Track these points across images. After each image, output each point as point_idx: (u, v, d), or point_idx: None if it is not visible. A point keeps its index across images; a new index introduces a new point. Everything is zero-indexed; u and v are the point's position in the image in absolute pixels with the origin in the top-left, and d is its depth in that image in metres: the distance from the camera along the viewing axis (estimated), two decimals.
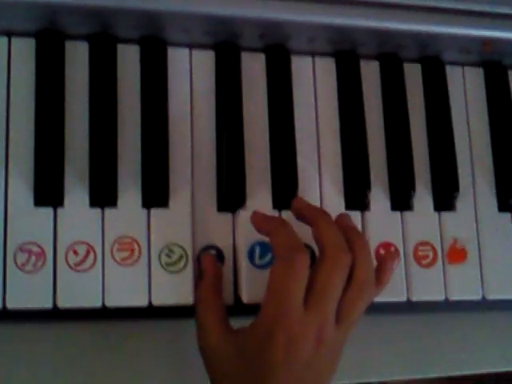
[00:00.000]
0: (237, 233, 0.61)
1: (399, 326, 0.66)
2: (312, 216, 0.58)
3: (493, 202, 0.67)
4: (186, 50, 0.64)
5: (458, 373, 0.68)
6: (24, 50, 0.60)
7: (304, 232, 0.57)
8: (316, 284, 0.54)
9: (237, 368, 0.54)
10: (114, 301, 0.57)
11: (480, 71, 0.71)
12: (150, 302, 0.58)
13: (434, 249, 0.65)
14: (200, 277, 0.59)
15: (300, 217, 0.59)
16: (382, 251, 0.63)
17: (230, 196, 0.61)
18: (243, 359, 0.54)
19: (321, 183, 0.64)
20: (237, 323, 0.57)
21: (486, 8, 0.66)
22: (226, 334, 0.56)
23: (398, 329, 0.66)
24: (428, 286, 0.64)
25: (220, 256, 0.60)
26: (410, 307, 0.64)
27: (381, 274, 0.58)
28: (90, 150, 0.59)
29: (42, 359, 0.59)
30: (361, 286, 0.56)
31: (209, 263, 0.59)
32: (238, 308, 0.59)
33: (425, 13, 0.65)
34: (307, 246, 0.59)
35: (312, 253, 0.60)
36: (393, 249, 0.64)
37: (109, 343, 0.60)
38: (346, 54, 0.67)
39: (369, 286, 0.56)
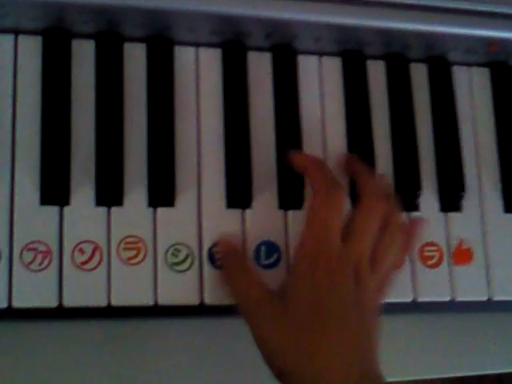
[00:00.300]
0: (243, 233, 0.61)
1: (404, 325, 0.66)
2: (357, 168, 0.62)
3: (499, 203, 0.67)
4: (193, 49, 0.64)
5: (462, 373, 0.68)
6: (31, 48, 0.60)
7: None
8: (354, 223, 0.57)
9: (285, 317, 0.54)
10: (120, 300, 0.57)
11: (486, 71, 0.70)
12: (155, 302, 0.58)
13: (440, 249, 0.65)
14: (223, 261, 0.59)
15: (347, 169, 0.63)
16: None
17: (239, 192, 0.61)
18: (290, 306, 0.54)
19: None
20: (240, 321, 0.56)
21: (492, 8, 0.66)
22: (267, 288, 0.56)
23: (403, 329, 0.66)
24: (434, 287, 0.64)
25: None
26: (415, 307, 0.64)
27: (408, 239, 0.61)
28: (96, 148, 0.59)
29: (47, 357, 0.58)
30: (392, 235, 0.58)
31: (226, 245, 0.59)
32: None
33: (431, 13, 0.65)
34: None
35: None
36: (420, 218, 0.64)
37: (114, 342, 0.60)
38: (352, 54, 0.67)
39: (399, 237, 0.59)
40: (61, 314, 0.57)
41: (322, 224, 0.56)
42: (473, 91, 0.70)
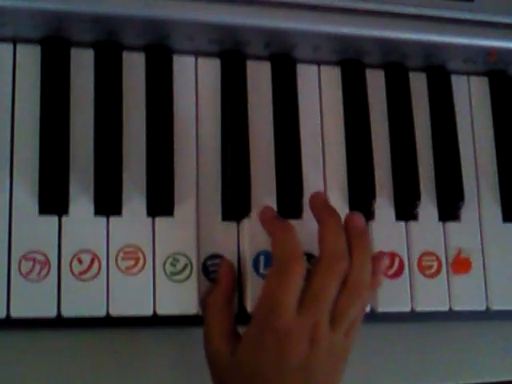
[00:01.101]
0: (242, 242, 0.61)
1: (402, 334, 0.66)
2: (320, 216, 0.59)
3: (497, 213, 0.67)
4: (192, 58, 0.64)
5: (461, 382, 0.68)
6: (29, 57, 0.60)
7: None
8: (310, 287, 0.55)
9: (232, 373, 0.55)
10: (119, 310, 0.57)
11: (485, 80, 0.70)
12: (154, 311, 0.58)
13: (438, 259, 0.64)
14: (215, 282, 0.59)
15: (312, 212, 0.60)
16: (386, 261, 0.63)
17: (235, 205, 0.61)
18: (237, 363, 0.55)
19: (326, 192, 0.64)
20: (241, 331, 0.57)
21: (492, 18, 0.66)
22: (228, 341, 0.56)
23: (401, 338, 0.66)
24: (432, 297, 0.64)
25: None
26: (413, 317, 0.64)
27: (372, 277, 0.58)
28: (95, 158, 0.59)
29: (45, 367, 0.58)
30: (353, 291, 0.56)
31: (225, 272, 0.59)
32: (243, 316, 0.59)
33: (430, 22, 0.65)
34: (310, 255, 0.60)
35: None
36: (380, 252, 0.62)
37: (113, 351, 0.60)
38: (351, 63, 0.67)
39: (362, 290, 0.57)
40: (59, 323, 0.57)
41: (274, 299, 0.55)
42: (472, 100, 0.70)
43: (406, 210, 0.65)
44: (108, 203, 0.59)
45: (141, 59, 0.62)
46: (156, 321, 0.58)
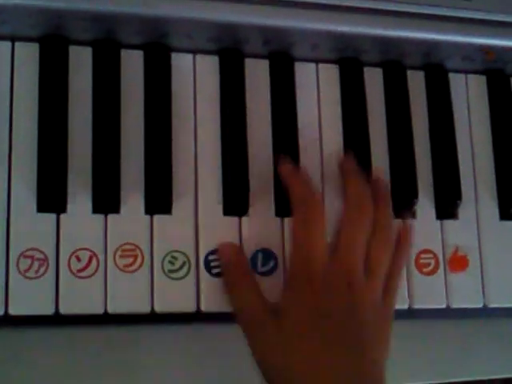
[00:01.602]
0: (239, 240, 0.61)
1: (399, 332, 0.66)
2: (347, 171, 0.62)
3: (494, 211, 0.67)
4: (190, 56, 0.64)
5: (457, 379, 0.68)
6: (28, 55, 0.60)
7: None
8: (339, 237, 0.57)
9: (278, 330, 0.55)
10: (117, 307, 0.57)
11: (483, 79, 0.71)
12: (152, 309, 0.58)
13: (435, 257, 0.65)
14: (225, 267, 0.59)
15: (340, 170, 0.63)
16: None
17: (236, 199, 0.61)
18: (284, 325, 0.55)
19: (323, 189, 0.64)
20: (236, 328, 0.57)
21: (490, 17, 0.66)
22: (268, 310, 0.56)
23: (398, 335, 0.66)
24: (429, 294, 0.64)
25: None
26: (410, 314, 0.64)
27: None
28: (93, 156, 0.59)
29: (43, 365, 0.58)
30: (382, 238, 0.59)
31: (230, 255, 0.59)
32: None
33: (428, 21, 0.65)
34: None
35: None
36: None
37: (111, 349, 0.59)
38: (349, 61, 0.67)
39: (390, 236, 0.59)
40: (57, 321, 0.57)
41: (303, 245, 0.56)
42: (469, 99, 0.70)
43: (403, 208, 0.65)
44: (106, 201, 0.59)
45: (139, 57, 0.62)
46: (154, 318, 0.58)
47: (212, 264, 0.60)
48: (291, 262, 0.58)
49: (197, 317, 0.59)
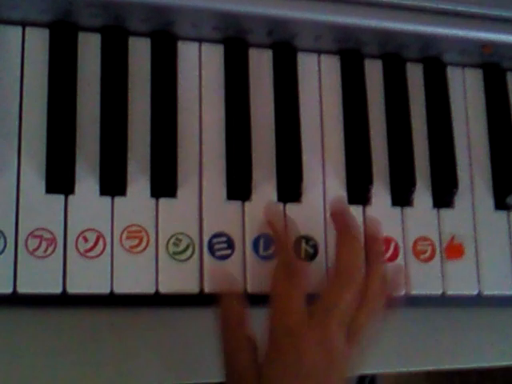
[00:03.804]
0: (242, 224, 0.62)
1: (395, 318, 0.67)
2: (341, 227, 0.60)
3: (490, 201, 0.69)
4: (196, 44, 0.65)
5: (452, 366, 0.69)
6: (38, 40, 0.61)
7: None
8: (323, 299, 0.56)
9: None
10: (122, 287, 0.58)
11: (479, 72, 0.72)
12: (157, 290, 0.59)
13: (432, 244, 0.66)
14: (221, 317, 0.58)
15: (333, 220, 0.62)
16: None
17: (240, 183, 0.62)
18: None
19: (324, 177, 0.65)
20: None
21: (487, 11, 0.67)
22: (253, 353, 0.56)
23: (394, 322, 0.67)
24: (426, 281, 0.65)
25: (230, 244, 0.61)
26: (407, 300, 0.65)
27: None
28: (101, 139, 0.60)
29: (50, 344, 0.59)
30: (371, 309, 0.58)
31: (232, 307, 0.58)
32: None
33: (427, 14, 0.67)
34: (308, 238, 0.62)
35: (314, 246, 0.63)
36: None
37: (116, 329, 0.61)
38: (350, 53, 0.68)
39: (379, 308, 0.59)
40: (64, 301, 0.58)
41: (284, 299, 0.56)
42: (466, 91, 0.71)
43: (401, 197, 0.66)
44: (113, 184, 0.60)
45: (146, 44, 0.64)
46: (158, 300, 0.59)
47: (216, 247, 0.61)
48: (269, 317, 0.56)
49: (200, 299, 0.60)
